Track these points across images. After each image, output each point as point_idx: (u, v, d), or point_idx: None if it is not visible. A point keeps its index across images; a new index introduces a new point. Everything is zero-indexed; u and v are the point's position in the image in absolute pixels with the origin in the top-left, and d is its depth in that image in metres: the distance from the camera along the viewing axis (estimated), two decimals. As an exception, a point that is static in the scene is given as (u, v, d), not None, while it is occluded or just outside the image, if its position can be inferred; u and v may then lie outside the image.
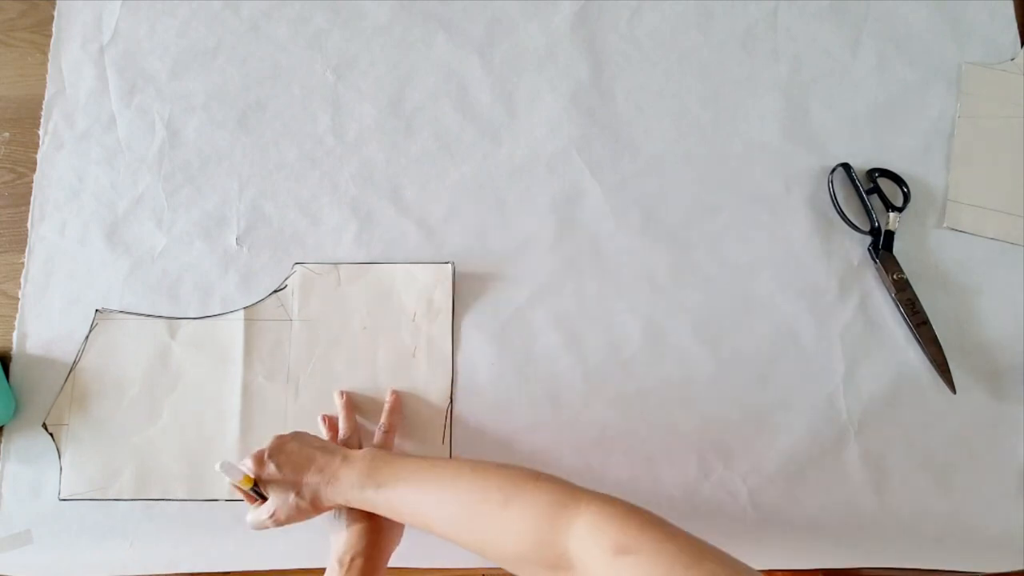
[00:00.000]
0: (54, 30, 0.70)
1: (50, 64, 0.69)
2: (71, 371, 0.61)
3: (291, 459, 0.50)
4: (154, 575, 0.58)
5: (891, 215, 0.64)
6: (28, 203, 0.66)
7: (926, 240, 0.64)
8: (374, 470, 0.49)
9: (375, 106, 0.68)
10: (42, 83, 0.69)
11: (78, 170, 0.66)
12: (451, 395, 0.61)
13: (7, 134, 0.68)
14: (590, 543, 0.38)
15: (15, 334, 0.63)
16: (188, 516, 0.59)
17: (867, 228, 0.64)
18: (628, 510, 0.39)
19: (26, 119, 0.68)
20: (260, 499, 0.51)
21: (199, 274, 0.64)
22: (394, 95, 0.68)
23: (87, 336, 0.62)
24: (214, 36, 0.70)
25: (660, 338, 0.62)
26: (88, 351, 0.62)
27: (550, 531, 0.40)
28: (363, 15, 0.70)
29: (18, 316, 0.63)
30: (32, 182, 0.66)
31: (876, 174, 0.65)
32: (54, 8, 0.71)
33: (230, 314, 0.63)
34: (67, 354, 0.62)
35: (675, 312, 0.63)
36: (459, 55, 0.69)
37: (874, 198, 0.65)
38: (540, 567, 0.41)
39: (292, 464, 0.50)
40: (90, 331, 0.62)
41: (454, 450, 0.60)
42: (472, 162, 0.67)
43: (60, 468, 0.60)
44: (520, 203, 0.66)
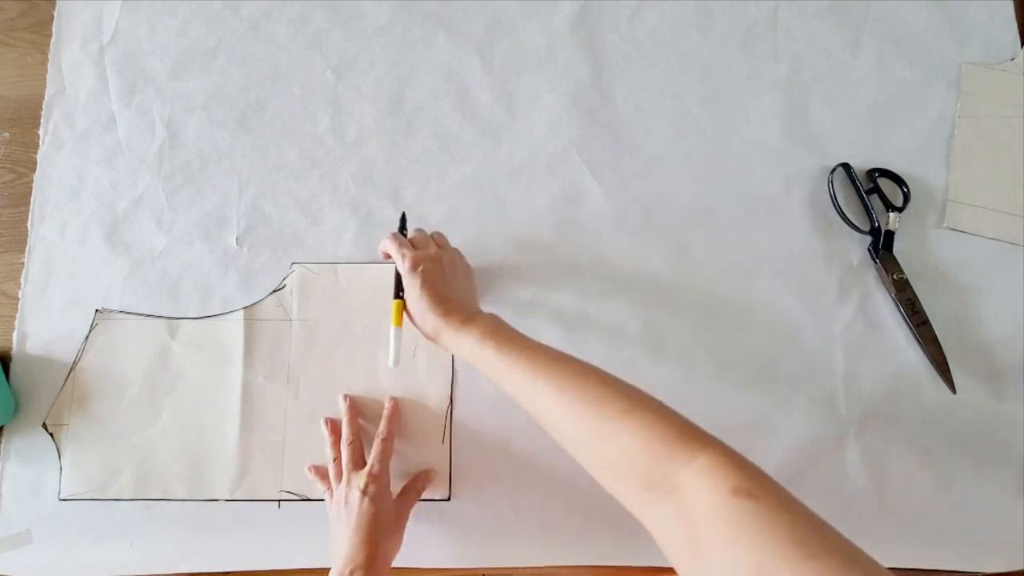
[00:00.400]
0: (54, 30, 0.70)
1: (50, 64, 0.69)
2: (71, 371, 0.61)
3: (433, 284, 0.52)
4: (154, 575, 0.58)
5: (891, 215, 0.64)
6: (28, 203, 0.66)
7: (926, 240, 0.64)
8: (499, 333, 0.50)
9: (375, 106, 0.68)
10: (42, 83, 0.69)
11: (78, 170, 0.66)
12: (451, 395, 0.61)
13: (7, 134, 0.68)
14: (707, 479, 0.37)
15: (15, 334, 0.63)
16: (188, 516, 0.59)
17: (867, 228, 0.64)
18: (750, 464, 0.38)
19: (26, 119, 0.68)
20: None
21: (199, 274, 0.64)
22: (394, 95, 0.68)
23: (87, 336, 0.62)
24: (214, 36, 0.70)
25: (660, 338, 0.62)
26: (88, 351, 0.62)
27: (666, 454, 0.39)
28: (363, 15, 0.70)
29: (18, 316, 0.63)
30: (32, 182, 0.66)
31: (876, 174, 0.65)
32: (54, 8, 0.71)
33: (230, 314, 0.63)
34: (67, 354, 0.62)
35: (675, 312, 0.63)
36: (459, 55, 0.69)
37: (874, 198, 0.65)
38: (638, 483, 0.40)
39: (431, 289, 0.52)
40: (90, 331, 0.62)
41: (454, 450, 0.60)
42: (472, 162, 0.67)
43: (60, 468, 0.60)
44: (520, 203, 0.66)
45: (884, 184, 0.65)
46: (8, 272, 0.65)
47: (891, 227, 0.63)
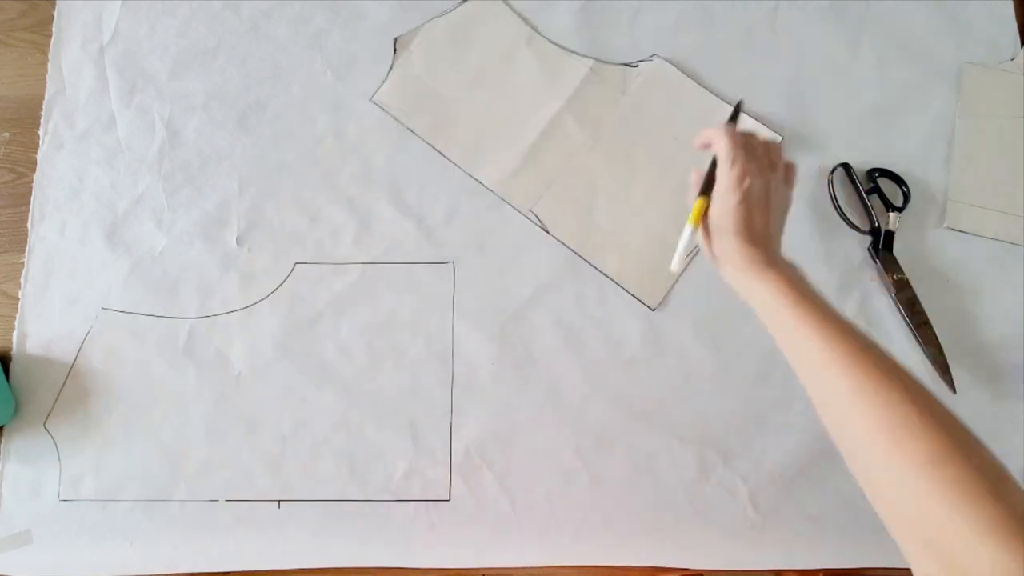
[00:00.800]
0: (54, 30, 0.70)
1: (50, 64, 0.69)
2: (71, 371, 0.61)
3: (750, 202, 0.46)
4: (154, 575, 0.58)
5: (891, 215, 0.64)
6: (28, 203, 0.66)
7: (926, 240, 0.64)
8: (800, 288, 0.44)
9: (375, 106, 0.68)
10: (42, 83, 0.69)
11: (78, 170, 0.66)
12: (451, 395, 0.61)
13: (7, 134, 0.68)
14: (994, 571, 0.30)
15: (15, 334, 0.63)
16: (188, 516, 0.59)
17: (867, 228, 0.64)
18: None
19: (26, 119, 0.68)
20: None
21: (199, 274, 0.64)
22: (394, 95, 0.68)
23: (87, 336, 0.62)
24: (214, 36, 0.70)
25: (660, 338, 0.62)
26: (88, 351, 0.62)
27: (967, 535, 0.32)
28: (363, 15, 0.70)
29: (18, 316, 0.63)
30: (32, 182, 0.66)
31: (876, 174, 0.65)
32: (54, 8, 0.71)
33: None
34: (67, 354, 0.62)
35: (675, 312, 0.63)
36: (459, 55, 0.69)
37: (874, 198, 0.65)
38: (919, 544, 0.35)
39: (747, 208, 0.46)
40: (90, 331, 0.62)
41: (454, 450, 0.60)
42: (472, 162, 0.67)
43: (60, 468, 0.60)
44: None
45: (884, 184, 0.65)
46: (8, 272, 0.65)
47: (891, 227, 0.63)
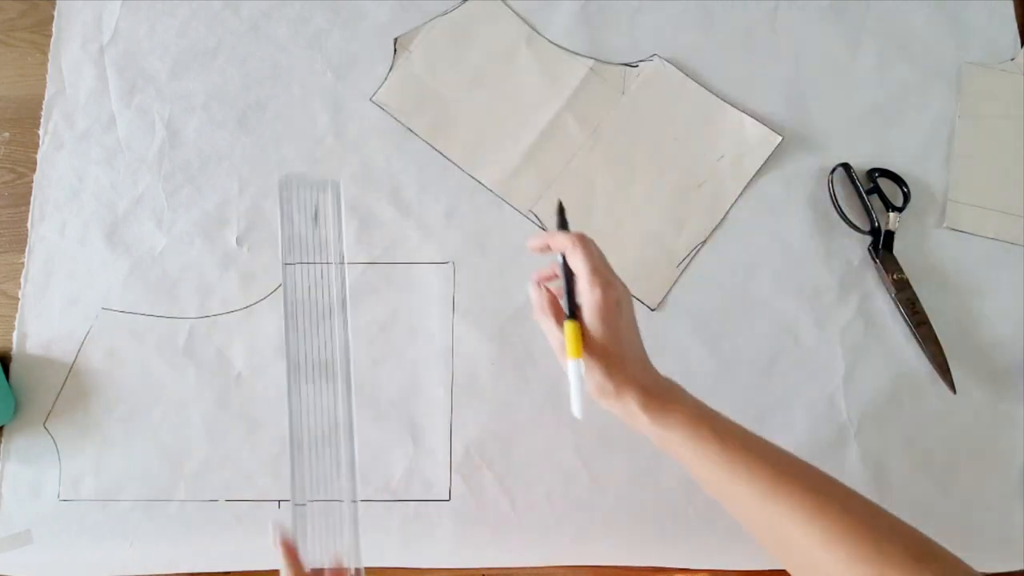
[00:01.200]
0: (54, 30, 0.70)
1: (50, 64, 0.69)
2: (71, 371, 0.61)
3: (619, 336, 0.42)
4: (154, 575, 0.58)
5: (891, 215, 0.64)
6: (28, 203, 0.66)
7: (926, 240, 0.64)
8: (710, 419, 0.43)
9: (375, 106, 0.68)
10: (42, 83, 0.69)
11: (78, 170, 0.66)
12: (451, 395, 0.61)
13: (7, 134, 0.68)
14: None
15: (15, 334, 0.63)
16: (188, 516, 0.59)
17: (867, 228, 0.64)
18: None
19: (26, 119, 0.68)
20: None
21: (199, 274, 0.64)
22: (394, 95, 0.68)
23: (87, 336, 0.62)
24: (214, 36, 0.70)
25: (660, 338, 0.62)
26: (88, 351, 0.62)
27: None
28: (363, 15, 0.70)
29: (18, 316, 0.63)
30: (32, 182, 0.66)
31: (876, 174, 0.65)
32: (54, 8, 0.71)
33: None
34: (67, 354, 0.62)
35: (675, 312, 0.63)
36: (459, 55, 0.69)
37: (874, 198, 0.65)
38: None
39: (618, 343, 0.41)
40: (90, 331, 0.62)
41: (454, 450, 0.60)
42: (472, 162, 0.67)
43: (60, 468, 0.60)
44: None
45: (884, 184, 0.65)
46: (8, 272, 0.65)
47: (891, 227, 0.63)
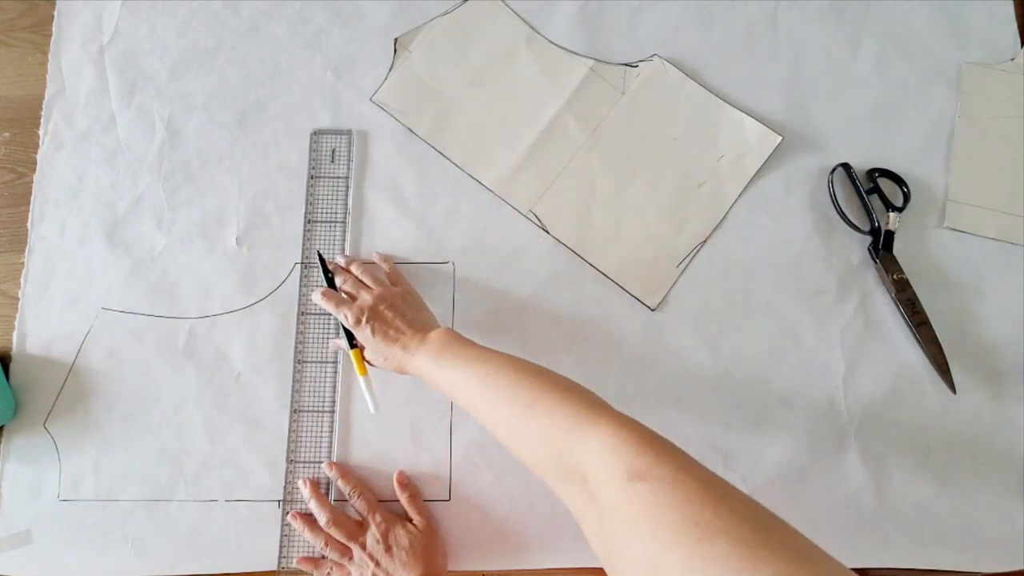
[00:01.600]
0: (54, 30, 0.70)
1: (50, 64, 0.69)
2: (71, 371, 0.61)
3: (383, 327, 0.55)
4: (154, 575, 0.58)
5: (891, 215, 0.64)
6: (28, 203, 0.66)
7: (926, 240, 0.64)
8: (442, 353, 0.51)
9: (375, 106, 0.68)
10: (42, 83, 0.69)
11: (78, 170, 0.66)
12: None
13: (7, 134, 0.68)
14: (603, 464, 0.36)
15: (15, 334, 0.63)
16: (188, 516, 0.59)
17: (867, 228, 0.64)
18: (646, 436, 0.37)
19: (26, 119, 0.68)
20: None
21: (199, 274, 0.64)
22: (394, 95, 0.68)
23: (87, 336, 0.62)
24: (214, 36, 0.70)
25: (660, 338, 0.62)
26: (88, 351, 0.62)
27: (566, 443, 0.40)
28: (363, 15, 0.70)
29: (18, 316, 0.63)
30: (32, 182, 0.66)
31: (876, 174, 0.65)
32: (54, 8, 0.71)
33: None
34: (67, 354, 0.62)
35: (675, 312, 0.63)
36: (459, 55, 0.69)
37: (874, 198, 0.65)
38: (555, 475, 0.41)
39: (383, 333, 0.54)
40: (90, 331, 0.62)
41: (454, 450, 0.60)
42: (472, 162, 0.67)
43: (60, 468, 0.60)
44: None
45: (884, 184, 0.65)
46: (8, 272, 0.65)
47: (891, 227, 0.63)
